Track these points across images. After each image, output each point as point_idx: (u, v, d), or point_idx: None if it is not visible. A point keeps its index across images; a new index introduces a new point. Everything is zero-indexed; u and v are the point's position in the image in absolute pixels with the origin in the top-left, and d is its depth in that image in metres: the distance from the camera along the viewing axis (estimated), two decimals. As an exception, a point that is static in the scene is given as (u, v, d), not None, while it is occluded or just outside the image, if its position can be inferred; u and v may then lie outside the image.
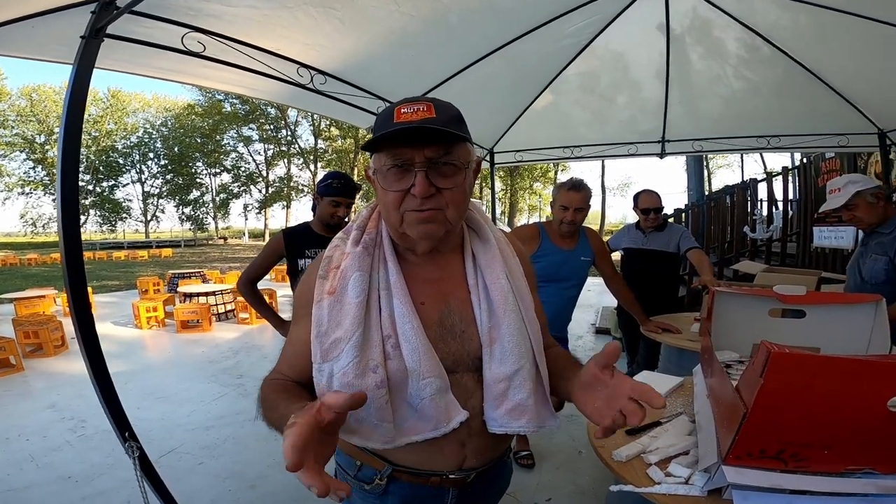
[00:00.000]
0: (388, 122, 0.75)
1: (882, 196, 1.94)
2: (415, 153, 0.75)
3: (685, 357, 2.18)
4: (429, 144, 0.75)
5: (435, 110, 0.75)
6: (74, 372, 4.46)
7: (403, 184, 0.77)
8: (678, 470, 0.98)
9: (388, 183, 0.78)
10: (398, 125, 0.74)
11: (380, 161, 0.78)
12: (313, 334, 0.81)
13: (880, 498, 0.80)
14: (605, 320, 5.68)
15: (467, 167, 0.80)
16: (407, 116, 0.74)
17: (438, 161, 0.76)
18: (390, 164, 0.76)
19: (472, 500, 0.99)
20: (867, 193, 1.94)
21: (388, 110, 0.78)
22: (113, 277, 13.62)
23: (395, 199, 0.78)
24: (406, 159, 0.75)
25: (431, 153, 0.75)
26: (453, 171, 0.78)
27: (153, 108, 38.49)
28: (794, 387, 0.75)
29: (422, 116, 0.74)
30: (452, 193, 0.78)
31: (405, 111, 0.75)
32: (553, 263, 2.27)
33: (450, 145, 0.76)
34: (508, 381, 0.84)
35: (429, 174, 0.75)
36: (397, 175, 0.77)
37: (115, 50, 1.61)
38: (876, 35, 2.47)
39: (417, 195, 0.75)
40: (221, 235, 41.60)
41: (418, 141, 0.74)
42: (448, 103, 0.80)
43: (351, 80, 2.65)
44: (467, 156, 0.80)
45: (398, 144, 0.75)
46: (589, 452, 2.67)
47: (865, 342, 1.30)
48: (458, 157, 0.78)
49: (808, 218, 5.91)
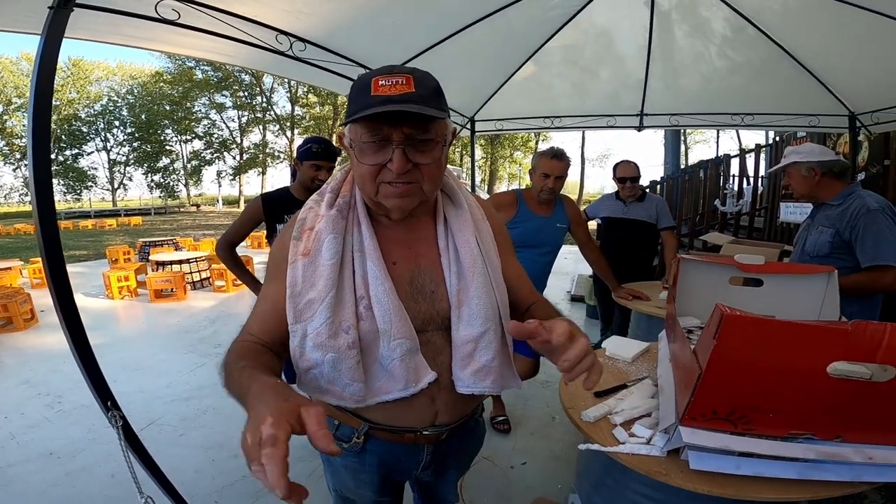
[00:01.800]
0: (366, 94, 0.74)
1: (818, 172, 1.97)
2: (393, 130, 0.74)
3: (653, 323, 2.29)
4: (407, 122, 0.74)
5: (414, 84, 0.74)
6: (47, 346, 4.38)
7: (380, 158, 0.76)
8: (641, 431, 1.04)
9: (364, 156, 0.78)
10: (377, 98, 0.73)
11: (356, 133, 0.77)
12: (287, 294, 0.82)
13: (819, 463, 0.86)
14: (580, 288, 5.82)
15: (444, 142, 0.80)
16: (385, 90, 0.73)
17: (416, 138, 0.76)
18: (367, 139, 0.76)
19: (446, 457, 1.05)
20: (802, 166, 1.99)
21: (365, 80, 0.76)
22: (81, 247, 13.15)
23: (371, 171, 0.78)
24: (384, 136, 0.75)
25: (410, 130, 0.75)
26: (431, 147, 0.78)
27: (118, 76, 36.73)
28: (744, 348, 0.79)
29: (401, 91, 0.73)
30: (429, 168, 0.79)
31: (383, 83, 0.73)
32: (530, 229, 2.33)
33: (428, 122, 0.76)
34: (475, 343, 0.87)
35: (406, 150, 0.75)
36: (374, 149, 0.76)
37: (85, 19, 1.53)
38: (857, 21, 2.52)
39: (395, 171, 0.76)
40: (194, 203, 40.50)
41: (397, 118, 0.74)
42: (427, 74, 0.78)
43: (331, 48, 2.58)
44: (444, 130, 0.80)
45: (376, 120, 0.74)
46: (562, 419, 2.78)
47: (817, 312, 1.38)
48: (435, 133, 0.78)
49: (777, 194, 6.11)
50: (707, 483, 0.88)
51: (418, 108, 0.72)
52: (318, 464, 2.30)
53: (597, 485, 1.21)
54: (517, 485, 2.19)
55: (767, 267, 1.42)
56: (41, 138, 1.18)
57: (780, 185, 5.90)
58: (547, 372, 3.74)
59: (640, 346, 1.55)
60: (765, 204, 6.67)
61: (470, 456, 1.17)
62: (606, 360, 1.50)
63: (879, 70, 3.06)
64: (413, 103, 0.72)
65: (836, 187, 1.98)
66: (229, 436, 2.65)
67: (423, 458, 1.00)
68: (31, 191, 1.21)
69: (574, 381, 0.68)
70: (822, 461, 0.85)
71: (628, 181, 3.17)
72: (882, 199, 1.86)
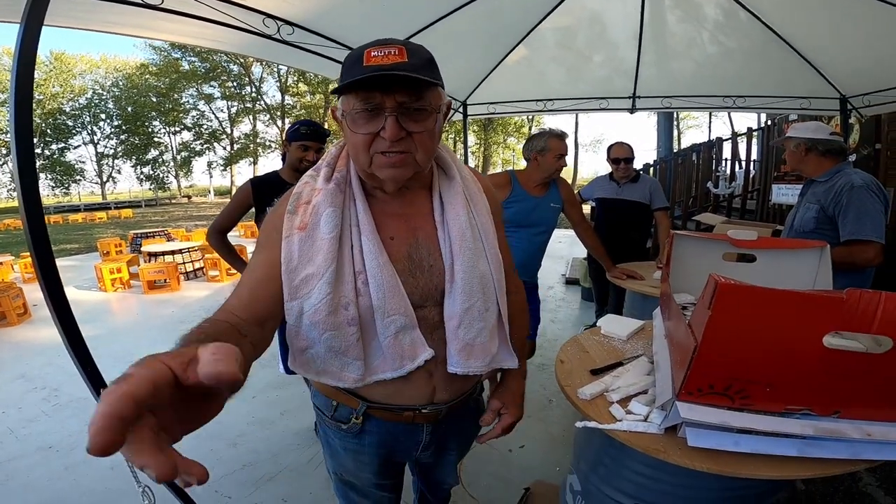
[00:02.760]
0: (358, 65, 0.73)
1: (803, 148, 2.02)
2: (385, 98, 0.74)
3: (648, 302, 2.30)
4: (400, 89, 0.73)
5: (407, 54, 0.73)
6: (41, 340, 4.36)
7: (373, 126, 0.76)
8: (638, 408, 1.04)
9: (357, 126, 0.77)
10: (369, 69, 0.72)
11: (349, 104, 0.76)
12: (283, 270, 0.80)
13: (816, 440, 0.85)
14: (574, 271, 5.85)
15: (438, 111, 0.80)
16: (378, 60, 0.72)
17: (410, 106, 0.75)
18: (360, 108, 0.75)
19: (446, 438, 1.05)
20: (793, 141, 2.06)
21: (357, 52, 0.75)
22: (72, 241, 13.03)
23: (365, 141, 0.77)
24: (376, 103, 0.74)
25: (403, 98, 0.74)
26: (424, 116, 0.77)
27: (102, 68, 36.09)
28: (739, 318, 0.79)
29: (393, 60, 0.72)
30: (422, 137, 0.78)
31: (375, 54, 0.73)
32: (524, 209, 2.33)
33: (421, 90, 0.75)
34: (458, 319, 0.87)
35: (399, 118, 0.75)
36: (367, 118, 0.76)
37: (66, 6, 1.50)
38: (848, 4, 2.53)
39: (388, 139, 0.75)
40: (185, 194, 40.14)
41: (389, 85, 0.73)
42: (420, 46, 0.78)
43: (319, 31, 2.54)
44: (438, 100, 0.79)
45: (369, 88, 0.74)
46: (559, 401, 2.81)
47: (811, 286, 1.38)
48: (429, 101, 0.77)
49: (769, 176, 6.13)
50: (705, 460, 0.88)
51: (411, 71, 0.71)
52: (317, 450, 2.32)
53: (594, 464, 1.22)
54: (515, 467, 2.21)
55: (760, 242, 1.42)
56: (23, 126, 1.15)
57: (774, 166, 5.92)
58: (543, 355, 3.76)
59: (636, 325, 1.55)
60: (757, 186, 6.70)
61: (470, 438, 1.17)
62: (602, 339, 1.51)
63: (871, 53, 3.06)
64: (405, 72, 0.71)
65: (825, 164, 2.00)
66: (227, 425, 2.64)
67: (423, 439, 1.00)
68: (15, 182, 1.19)
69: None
70: (821, 437, 0.84)
71: (622, 162, 3.17)
72: (868, 177, 1.88)
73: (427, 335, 0.87)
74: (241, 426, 2.62)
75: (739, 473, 0.86)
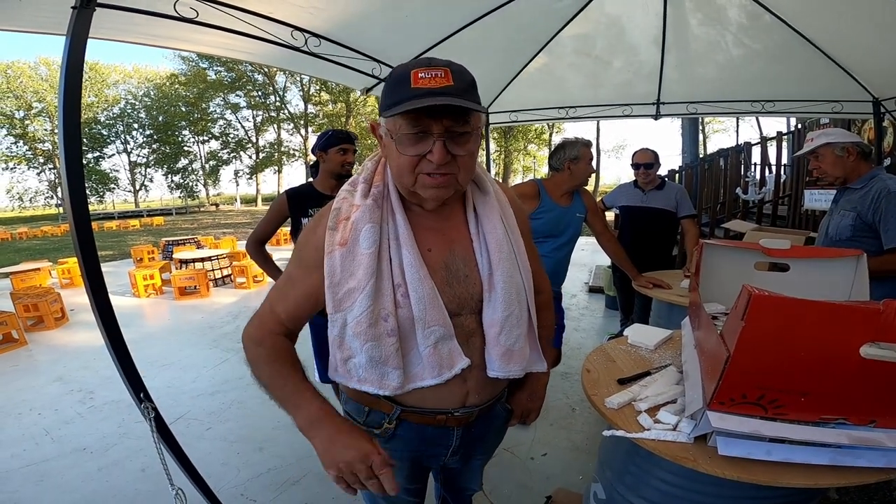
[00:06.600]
0: (405, 86, 0.75)
1: (854, 152, 1.92)
2: (433, 123, 0.76)
3: (674, 311, 2.26)
4: (448, 115, 0.76)
5: (452, 77, 0.75)
6: (78, 344, 4.52)
7: (420, 149, 0.78)
8: (667, 417, 1.03)
9: (404, 147, 0.79)
10: (418, 91, 0.74)
11: (395, 125, 0.78)
12: (326, 284, 0.84)
13: (851, 449, 0.83)
14: (598, 279, 5.79)
15: (479, 133, 0.83)
16: (425, 82, 0.74)
17: (456, 131, 0.77)
18: (408, 131, 0.77)
19: (474, 442, 1.06)
20: (837, 146, 1.94)
21: (402, 73, 0.77)
22: (106, 248, 13.51)
23: (411, 162, 0.79)
24: (423, 127, 0.76)
25: (450, 123, 0.76)
26: (468, 139, 0.80)
27: (134, 79, 37.59)
28: (773, 329, 0.78)
29: (441, 84, 0.74)
30: (465, 160, 0.81)
31: (423, 76, 0.75)
32: (553, 220, 2.33)
33: (467, 115, 0.78)
34: (500, 327, 0.90)
35: (446, 142, 0.77)
36: (413, 140, 0.78)
37: (107, 18, 1.57)
38: (875, 3, 2.44)
39: (435, 162, 0.77)
40: (213, 202, 41.23)
41: (438, 111, 0.75)
42: (463, 68, 0.79)
43: (345, 42, 2.59)
44: (479, 122, 0.82)
45: (417, 112, 0.75)
46: (582, 410, 2.78)
47: (846, 296, 1.34)
48: (472, 125, 0.79)
49: (801, 181, 5.96)
50: (736, 469, 0.87)
51: (460, 101, 0.74)
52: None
53: (620, 473, 1.20)
54: (537, 476, 2.20)
55: (794, 251, 1.39)
56: (72, 136, 1.21)
57: (806, 171, 5.75)
58: (566, 364, 3.72)
59: (663, 334, 1.53)
60: (788, 192, 6.51)
61: (495, 442, 1.18)
62: (629, 348, 1.49)
63: (903, 56, 2.95)
64: (452, 96, 0.74)
65: (863, 169, 1.95)
66: (254, 429, 2.70)
67: (453, 443, 1.01)
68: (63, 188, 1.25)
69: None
70: (855, 447, 0.83)
71: (642, 167, 3.14)
72: None
73: (462, 343, 0.90)
74: (268, 430, 2.66)
75: (771, 482, 0.85)
